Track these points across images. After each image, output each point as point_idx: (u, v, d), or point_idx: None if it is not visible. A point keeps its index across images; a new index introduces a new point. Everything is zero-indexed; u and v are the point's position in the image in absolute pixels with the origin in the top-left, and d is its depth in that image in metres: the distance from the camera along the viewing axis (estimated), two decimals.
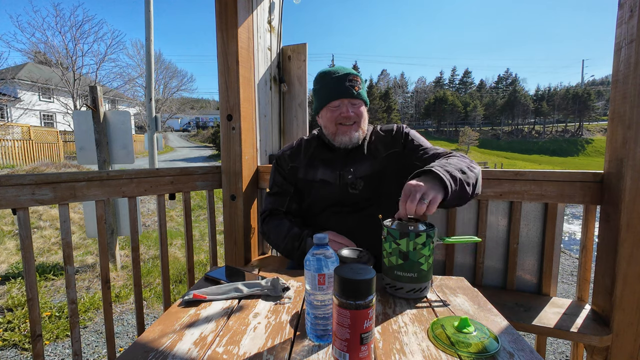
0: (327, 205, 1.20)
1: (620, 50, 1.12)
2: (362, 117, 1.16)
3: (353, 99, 1.13)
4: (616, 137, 1.15)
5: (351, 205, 1.18)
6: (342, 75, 1.13)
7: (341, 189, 1.17)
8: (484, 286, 1.46)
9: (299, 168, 1.24)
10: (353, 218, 1.17)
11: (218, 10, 1.51)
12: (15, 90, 18.58)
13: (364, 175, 1.16)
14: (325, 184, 1.19)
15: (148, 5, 6.25)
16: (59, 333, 2.30)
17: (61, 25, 16.89)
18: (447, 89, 74.47)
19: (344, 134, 1.15)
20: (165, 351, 0.62)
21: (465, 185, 0.93)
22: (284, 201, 1.26)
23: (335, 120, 1.15)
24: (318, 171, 1.21)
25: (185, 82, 27.25)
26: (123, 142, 3.26)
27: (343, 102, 1.13)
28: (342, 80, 1.12)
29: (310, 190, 1.22)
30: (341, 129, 1.15)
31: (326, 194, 1.19)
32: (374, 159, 1.18)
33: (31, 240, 1.19)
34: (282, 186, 1.27)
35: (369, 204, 1.18)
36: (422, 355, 0.59)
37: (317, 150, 1.24)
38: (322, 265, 0.64)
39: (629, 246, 1.11)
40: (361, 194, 1.16)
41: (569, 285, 3.66)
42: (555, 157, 46.96)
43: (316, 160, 1.23)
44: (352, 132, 1.15)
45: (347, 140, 1.16)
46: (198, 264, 3.62)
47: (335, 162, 1.20)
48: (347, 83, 1.12)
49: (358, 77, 1.14)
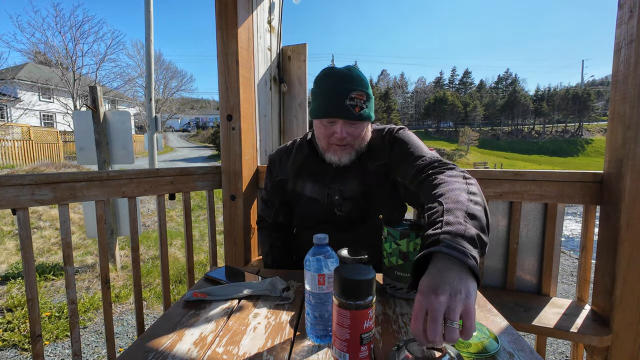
0: (316, 222, 1.14)
1: (620, 50, 1.13)
2: (359, 137, 1.03)
3: (351, 120, 0.98)
4: (616, 137, 1.15)
5: (340, 224, 1.11)
6: (344, 92, 0.95)
7: (328, 208, 1.10)
8: (484, 286, 1.46)
9: (288, 180, 1.18)
10: (343, 236, 1.10)
11: (218, 10, 1.51)
12: (15, 90, 18.57)
13: (350, 196, 1.08)
14: (314, 201, 1.13)
15: (148, 5, 6.25)
16: (58, 333, 2.30)
17: (61, 26, 16.86)
18: (447, 89, 74.47)
19: (334, 154, 1.04)
20: (165, 351, 0.62)
21: (486, 234, 0.70)
22: (270, 212, 1.27)
23: (327, 138, 1.03)
24: (306, 186, 1.14)
25: (185, 82, 27.26)
26: (123, 142, 3.26)
27: (338, 122, 0.98)
28: (342, 96, 0.95)
29: (299, 202, 1.17)
30: (332, 147, 1.04)
31: (314, 212, 1.14)
32: (364, 173, 1.07)
33: (31, 241, 1.19)
34: (270, 194, 1.26)
35: (359, 224, 1.11)
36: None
37: (307, 159, 1.14)
38: (322, 266, 0.64)
39: (629, 246, 1.11)
40: (348, 215, 1.09)
41: (568, 286, 3.66)
42: (555, 157, 46.96)
43: (304, 173, 1.15)
44: (344, 153, 1.03)
45: (335, 160, 1.05)
46: (198, 264, 3.62)
47: (324, 178, 1.11)
48: (347, 101, 0.95)
49: (363, 94, 0.96)
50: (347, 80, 0.96)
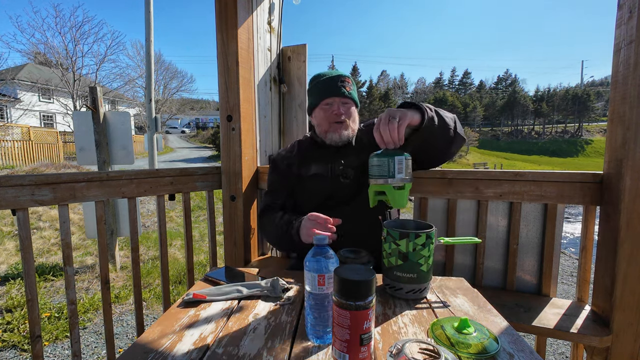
0: (320, 200, 1.25)
1: (620, 51, 1.13)
2: (351, 116, 1.24)
3: (344, 98, 1.22)
4: (616, 137, 1.15)
5: (342, 196, 1.24)
6: (335, 77, 1.23)
7: (333, 180, 1.24)
8: (484, 287, 1.46)
9: (294, 164, 1.32)
10: (344, 210, 1.21)
11: (218, 11, 1.51)
12: (15, 90, 18.58)
13: (354, 165, 1.23)
14: (318, 178, 1.26)
15: (148, 5, 6.25)
16: (58, 334, 2.30)
17: (61, 26, 16.86)
18: (446, 90, 74.48)
19: (335, 132, 1.23)
20: (164, 352, 0.62)
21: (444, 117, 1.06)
22: (280, 195, 1.33)
23: (327, 118, 1.23)
24: (311, 167, 1.28)
25: (185, 83, 27.32)
26: (123, 142, 3.26)
27: (335, 101, 1.22)
28: (334, 80, 1.22)
29: (304, 185, 1.28)
30: (332, 126, 1.23)
31: (319, 187, 1.25)
32: (362, 150, 1.24)
33: (31, 241, 1.19)
34: (278, 183, 1.35)
35: (358, 192, 1.23)
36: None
37: (310, 148, 1.33)
38: (322, 266, 0.64)
39: (628, 246, 1.11)
40: (352, 182, 1.23)
41: (568, 286, 3.66)
42: (554, 157, 46.96)
43: (309, 158, 1.30)
44: (342, 130, 1.23)
45: (337, 138, 1.23)
46: (198, 264, 3.62)
47: (327, 157, 1.27)
48: (339, 83, 1.22)
49: (349, 79, 1.25)
50: (335, 72, 1.25)
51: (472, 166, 34.81)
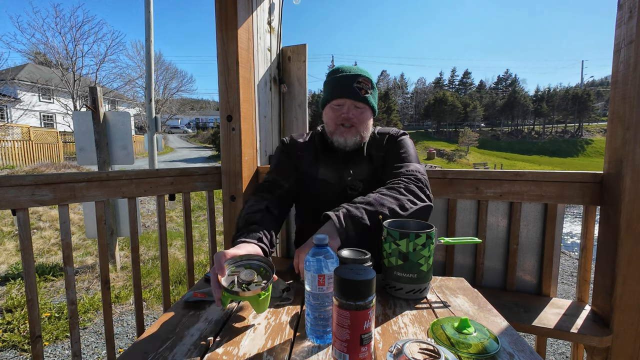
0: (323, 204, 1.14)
1: (620, 51, 1.13)
2: (362, 122, 1.12)
3: (357, 101, 1.09)
4: (616, 137, 1.15)
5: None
6: (352, 75, 1.09)
7: (340, 190, 1.16)
8: (484, 287, 1.46)
9: (305, 158, 1.22)
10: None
11: (218, 11, 1.51)
12: (15, 91, 18.58)
13: (363, 178, 1.16)
14: (325, 184, 1.18)
15: (148, 5, 6.25)
16: (58, 334, 2.30)
17: (61, 26, 16.88)
18: (446, 90, 74.38)
19: (340, 135, 1.13)
20: (164, 352, 0.62)
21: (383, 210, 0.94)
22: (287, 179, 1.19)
23: (335, 119, 1.13)
24: (319, 169, 1.20)
25: (185, 83, 27.33)
26: (123, 142, 3.26)
27: (346, 102, 1.10)
28: (350, 80, 1.09)
29: (310, 184, 1.21)
30: (339, 129, 1.13)
31: (325, 193, 1.18)
32: (372, 161, 1.18)
33: (31, 241, 1.19)
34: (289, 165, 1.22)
35: None
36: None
37: (320, 148, 1.22)
38: (322, 266, 0.64)
39: (628, 246, 1.11)
40: (359, 195, 1.12)
41: (568, 286, 3.66)
42: (554, 157, 46.95)
43: (320, 160, 1.21)
44: (349, 135, 1.12)
45: (342, 141, 1.13)
46: (198, 264, 3.62)
47: (336, 164, 1.19)
48: (355, 84, 1.08)
49: (369, 81, 1.11)
50: (355, 69, 1.12)
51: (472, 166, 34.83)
